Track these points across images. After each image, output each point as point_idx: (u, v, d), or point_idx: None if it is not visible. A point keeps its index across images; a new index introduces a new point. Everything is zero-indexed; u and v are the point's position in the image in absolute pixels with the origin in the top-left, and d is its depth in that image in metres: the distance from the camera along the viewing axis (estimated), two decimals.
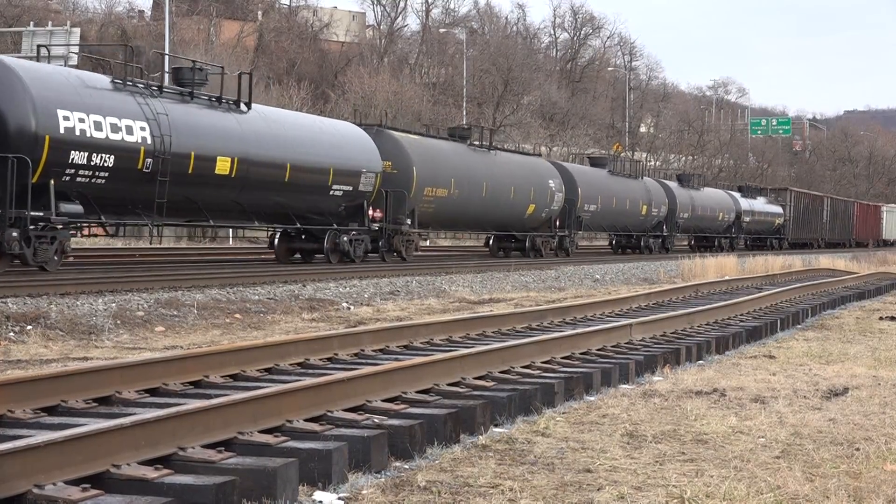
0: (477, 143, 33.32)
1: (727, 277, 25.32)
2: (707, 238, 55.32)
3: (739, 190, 63.02)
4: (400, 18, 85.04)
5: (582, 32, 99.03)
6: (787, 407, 7.90)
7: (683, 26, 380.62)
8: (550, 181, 36.38)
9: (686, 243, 56.42)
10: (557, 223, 37.54)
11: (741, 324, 13.71)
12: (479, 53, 79.27)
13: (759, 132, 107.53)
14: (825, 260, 40.10)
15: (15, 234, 17.29)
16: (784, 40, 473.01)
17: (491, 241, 37.66)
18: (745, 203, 59.32)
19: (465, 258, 34.09)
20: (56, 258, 18.31)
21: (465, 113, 67.94)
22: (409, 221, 28.15)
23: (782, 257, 38.87)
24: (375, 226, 26.98)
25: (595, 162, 45.49)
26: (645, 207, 45.06)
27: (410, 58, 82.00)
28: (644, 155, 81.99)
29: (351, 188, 25.67)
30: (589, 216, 39.99)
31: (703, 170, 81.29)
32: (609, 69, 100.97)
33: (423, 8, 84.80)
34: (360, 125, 28.36)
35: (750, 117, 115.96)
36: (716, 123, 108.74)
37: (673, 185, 50.45)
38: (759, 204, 62.64)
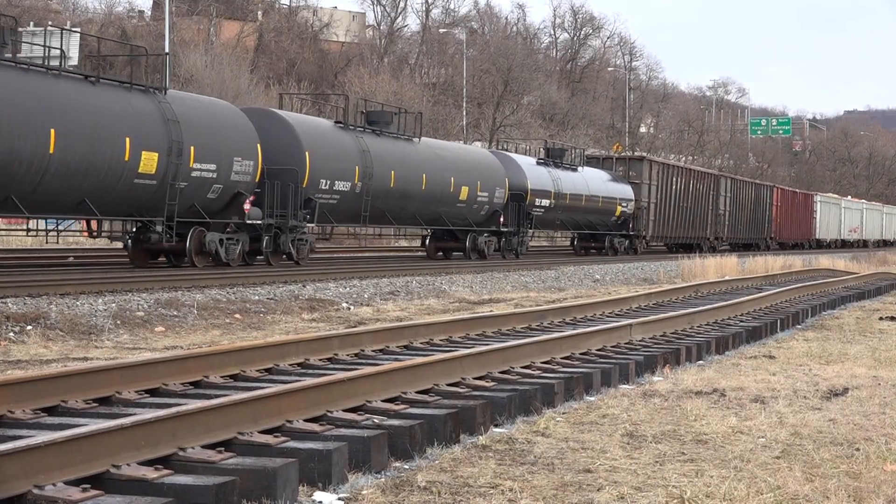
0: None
1: (727, 277, 25.35)
2: (452, 234, 31.70)
3: (547, 155, 38.54)
4: (400, 18, 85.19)
5: (582, 33, 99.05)
6: (787, 407, 7.90)
7: (683, 26, 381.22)
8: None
9: (415, 245, 35.94)
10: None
11: (741, 324, 13.71)
12: (479, 53, 79.21)
13: (759, 132, 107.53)
14: (825, 260, 40.08)
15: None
16: (784, 40, 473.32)
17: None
18: (543, 175, 35.97)
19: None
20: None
21: (465, 113, 67.90)
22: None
23: (783, 257, 38.70)
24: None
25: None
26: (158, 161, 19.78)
27: (410, 58, 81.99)
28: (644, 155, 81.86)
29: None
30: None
31: None
32: (609, 69, 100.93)
33: (423, 8, 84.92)
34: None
35: (750, 117, 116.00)
36: (716, 123, 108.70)
37: (330, 125, 26.12)
38: (583, 179, 38.81)
